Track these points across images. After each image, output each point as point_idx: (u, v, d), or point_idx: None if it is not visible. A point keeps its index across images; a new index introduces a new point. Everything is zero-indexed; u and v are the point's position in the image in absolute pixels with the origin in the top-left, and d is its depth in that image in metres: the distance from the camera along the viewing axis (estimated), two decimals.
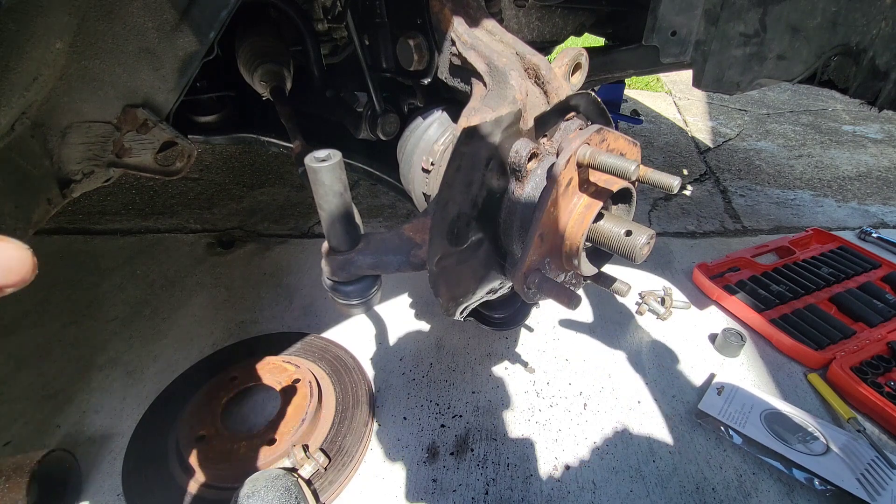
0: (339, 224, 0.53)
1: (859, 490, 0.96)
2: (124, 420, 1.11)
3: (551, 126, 0.61)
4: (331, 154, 0.48)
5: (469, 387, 1.22)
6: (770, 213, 2.12)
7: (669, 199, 2.17)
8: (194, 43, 0.61)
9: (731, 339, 1.31)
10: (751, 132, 3.03)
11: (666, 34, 0.85)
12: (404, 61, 0.70)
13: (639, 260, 0.52)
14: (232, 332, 1.37)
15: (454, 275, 0.58)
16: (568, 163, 0.50)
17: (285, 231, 1.88)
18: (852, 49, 0.78)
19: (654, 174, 0.50)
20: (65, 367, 1.25)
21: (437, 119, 0.76)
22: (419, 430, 1.11)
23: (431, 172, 0.73)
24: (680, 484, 1.01)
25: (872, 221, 2.07)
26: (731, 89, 0.88)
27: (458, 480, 1.01)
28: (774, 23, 0.80)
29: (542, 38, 1.07)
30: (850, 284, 1.54)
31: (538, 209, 0.51)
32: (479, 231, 0.59)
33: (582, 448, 1.08)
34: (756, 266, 1.63)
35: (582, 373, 1.27)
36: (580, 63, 0.62)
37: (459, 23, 0.63)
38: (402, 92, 0.84)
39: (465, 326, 1.39)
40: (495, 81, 0.58)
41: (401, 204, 2.08)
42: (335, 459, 1.01)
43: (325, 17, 0.86)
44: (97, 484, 0.99)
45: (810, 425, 1.10)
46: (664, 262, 1.71)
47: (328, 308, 1.45)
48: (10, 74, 0.54)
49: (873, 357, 1.26)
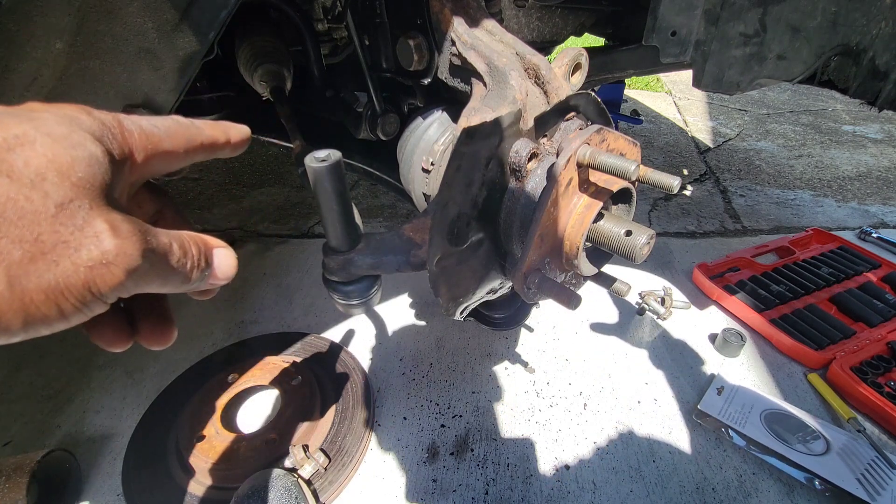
0: (338, 224, 0.53)
1: (859, 490, 0.97)
2: (124, 420, 1.11)
3: (551, 126, 0.61)
4: (331, 154, 0.48)
5: (469, 387, 1.22)
6: (770, 213, 2.12)
7: (669, 199, 2.17)
8: (194, 43, 0.61)
9: (731, 339, 1.31)
10: (751, 132, 3.03)
11: (666, 34, 0.85)
12: (404, 61, 0.70)
13: (639, 260, 0.52)
14: (232, 332, 1.37)
15: (454, 275, 0.58)
16: (568, 163, 0.50)
17: (285, 231, 1.88)
18: (852, 49, 0.78)
19: (654, 174, 0.50)
20: (65, 367, 1.25)
21: (437, 119, 0.76)
22: (419, 430, 1.11)
23: (431, 172, 0.73)
24: (680, 484, 1.01)
25: (872, 221, 2.07)
26: (731, 89, 0.88)
27: (458, 480, 1.01)
28: (774, 23, 0.80)
29: (542, 38, 1.07)
30: (850, 284, 1.54)
31: (538, 209, 0.51)
32: (479, 231, 0.59)
33: (582, 448, 1.08)
34: (756, 266, 1.63)
35: (582, 373, 1.27)
36: (580, 63, 0.62)
37: (459, 23, 0.63)
38: (402, 92, 0.84)
39: (465, 326, 1.39)
40: (495, 81, 0.58)
41: (401, 204, 2.08)
42: (335, 459, 1.01)
43: (325, 17, 0.86)
44: (97, 484, 0.99)
45: (810, 425, 1.10)
46: (664, 262, 1.71)
47: (328, 308, 1.45)
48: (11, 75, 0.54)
49: (873, 357, 1.26)
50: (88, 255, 0.24)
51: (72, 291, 0.24)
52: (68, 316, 0.25)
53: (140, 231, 0.27)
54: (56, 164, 0.24)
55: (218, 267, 0.34)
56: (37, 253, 0.23)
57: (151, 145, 0.31)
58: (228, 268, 0.35)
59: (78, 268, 0.24)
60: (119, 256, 0.25)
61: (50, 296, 0.24)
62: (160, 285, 0.29)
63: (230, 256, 0.35)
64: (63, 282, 0.24)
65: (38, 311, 0.24)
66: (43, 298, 0.24)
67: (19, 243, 0.23)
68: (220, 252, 0.34)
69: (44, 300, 0.24)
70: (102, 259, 0.25)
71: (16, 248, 0.23)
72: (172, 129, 0.32)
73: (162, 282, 0.29)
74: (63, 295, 0.24)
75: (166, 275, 0.29)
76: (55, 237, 0.24)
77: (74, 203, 0.24)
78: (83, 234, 0.24)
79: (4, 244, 0.22)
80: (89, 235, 0.25)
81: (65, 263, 0.24)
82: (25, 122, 0.25)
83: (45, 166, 0.24)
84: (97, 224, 0.25)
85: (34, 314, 0.24)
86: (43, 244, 0.23)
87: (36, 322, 0.24)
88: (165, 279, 0.29)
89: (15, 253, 0.23)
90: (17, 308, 0.23)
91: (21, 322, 0.24)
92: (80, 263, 0.24)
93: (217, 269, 0.34)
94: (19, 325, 0.24)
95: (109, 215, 0.26)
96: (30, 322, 0.24)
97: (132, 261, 0.26)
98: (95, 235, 0.25)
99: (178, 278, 0.30)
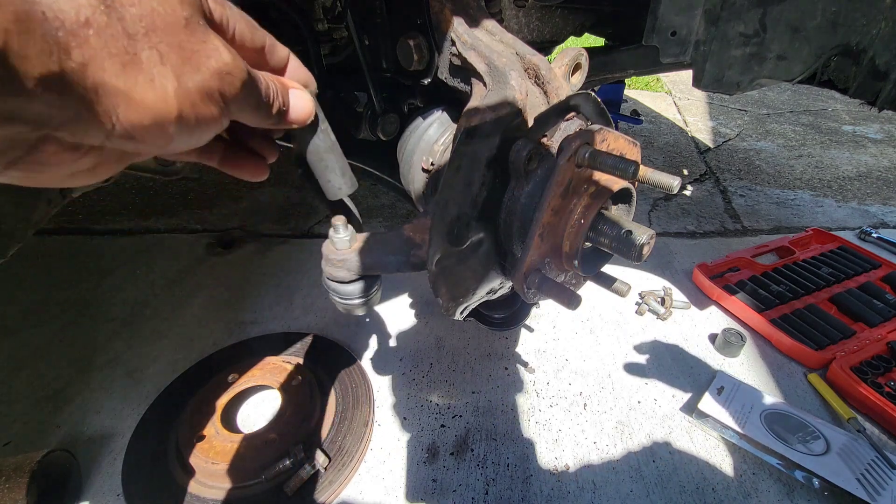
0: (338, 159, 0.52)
1: (859, 490, 0.97)
2: (124, 420, 1.11)
3: (551, 126, 0.61)
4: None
5: (469, 387, 1.22)
6: (770, 213, 2.12)
7: (669, 200, 2.17)
8: None
9: (731, 339, 1.31)
10: (751, 132, 3.03)
11: (666, 34, 0.85)
12: (404, 61, 0.70)
13: (639, 260, 0.52)
14: (232, 332, 1.37)
15: (454, 275, 0.58)
16: (568, 163, 0.50)
17: (285, 231, 1.88)
18: (852, 49, 0.78)
19: (654, 174, 0.50)
20: (65, 367, 1.25)
21: (437, 119, 0.76)
22: (419, 430, 1.11)
23: (431, 172, 0.73)
24: (680, 484, 1.01)
25: (872, 221, 2.07)
26: (731, 89, 0.88)
27: (458, 480, 1.01)
28: (774, 23, 0.80)
29: (542, 38, 1.07)
30: (850, 284, 1.54)
31: (538, 209, 0.51)
32: (479, 231, 0.59)
33: (582, 448, 1.08)
34: (756, 266, 1.63)
35: (582, 373, 1.27)
36: (580, 63, 0.62)
37: (459, 23, 0.63)
38: (402, 92, 0.84)
39: (465, 326, 1.39)
40: (495, 81, 0.58)
41: (401, 204, 2.08)
42: (335, 459, 1.01)
43: (325, 17, 0.86)
44: (97, 484, 0.99)
45: (810, 425, 1.10)
46: (664, 262, 1.71)
47: (328, 308, 1.45)
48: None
49: (873, 357, 1.26)
50: (217, 64, 0.27)
51: (215, 95, 0.27)
52: (217, 119, 0.28)
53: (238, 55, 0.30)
54: None
55: (293, 108, 0.37)
56: (185, 58, 0.26)
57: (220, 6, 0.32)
58: (303, 109, 0.37)
59: (213, 73, 0.27)
60: (235, 69, 0.29)
61: (204, 96, 0.27)
62: (252, 113, 0.32)
63: (304, 98, 0.37)
64: (206, 85, 0.27)
65: (201, 110, 0.27)
66: (200, 98, 0.27)
67: (172, 48, 0.25)
68: (296, 93, 0.37)
69: (201, 99, 0.27)
70: (226, 68, 0.28)
71: (171, 52, 0.25)
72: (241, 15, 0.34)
73: (254, 110, 0.32)
74: (210, 96, 0.27)
75: (258, 103, 0.32)
76: (191, 46, 0.26)
77: (194, 18, 0.27)
78: (207, 46, 0.27)
79: (163, 48, 0.25)
80: (211, 48, 0.27)
81: (203, 69, 0.27)
82: None
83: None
84: (213, 40, 0.28)
85: (200, 112, 0.27)
86: (185, 50, 0.26)
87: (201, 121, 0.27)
88: (257, 107, 0.32)
89: (172, 56, 0.25)
90: (189, 103, 0.26)
91: (195, 117, 0.27)
92: (213, 69, 0.27)
93: (292, 110, 0.37)
94: (194, 120, 0.27)
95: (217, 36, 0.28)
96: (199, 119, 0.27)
97: (244, 74, 0.29)
98: (216, 49, 0.28)
99: (264, 110, 0.33)
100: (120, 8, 0.23)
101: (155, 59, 0.24)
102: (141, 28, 0.24)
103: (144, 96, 0.24)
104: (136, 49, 0.23)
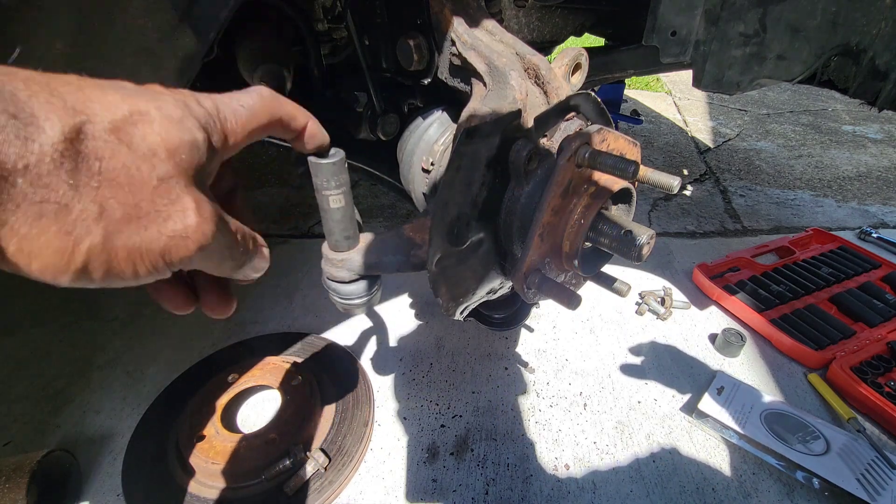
0: (339, 222, 0.53)
1: (859, 490, 0.97)
2: (124, 420, 1.11)
3: (551, 126, 0.61)
4: (335, 151, 0.48)
5: (469, 387, 1.22)
6: (770, 213, 2.12)
7: (669, 199, 2.17)
8: (194, 43, 0.61)
9: (731, 339, 1.31)
10: (751, 132, 3.03)
11: (666, 34, 0.85)
12: (404, 61, 0.70)
13: (639, 260, 0.52)
14: (232, 332, 1.37)
15: (454, 275, 0.58)
16: (568, 163, 0.50)
17: (285, 231, 1.88)
18: (852, 49, 0.78)
19: (654, 174, 0.50)
20: (65, 367, 1.25)
21: (437, 119, 0.76)
22: (419, 430, 1.11)
23: (431, 172, 0.73)
24: (680, 484, 1.01)
25: (872, 221, 2.07)
26: (731, 89, 0.88)
27: (458, 480, 1.01)
28: (774, 23, 0.80)
29: (542, 38, 1.07)
30: (850, 284, 1.54)
31: (538, 209, 0.51)
32: (479, 231, 0.59)
33: (582, 448, 1.08)
34: (756, 266, 1.63)
35: (582, 373, 1.27)
36: (580, 63, 0.62)
37: (459, 23, 0.63)
38: (402, 92, 0.84)
39: (465, 326, 1.39)
40: (495, 81, 0.58)
41: (401, 204, 2.08)
42: (335, 459, 1.01)
43: (325, 17, 0.86)
44: (97, 484, 0.99)
45: (810, 425, 1.10)
46: (664, 262, 1.71)
47: (328, 308, 1.45)
48: None
49: (873, 357, 1.26)
50: (173, 227, 0.27)
51: (149, 255, 0.27)
52: (140, 276, 0.28)
53: (217, 215, 0.30)
54: (167, 143, 0.27)
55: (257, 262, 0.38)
56: (133, 216, 0.26)
57: (240, 128, 0.33)
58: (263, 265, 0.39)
59: (161, 236, 0.27)
60: (196, 233, 0.28)
61: (131, 255, 0.27)
62: (215, 266, 0.33)
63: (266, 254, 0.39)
64: (145, 246, 0.27)
65: (117, 267, 0.26)
66: (125, 256, 0.26)
67: (122, 205, 0.26)
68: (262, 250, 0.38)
69: (125, 258, 0.26)
70: (183, 232, 0.28)
71: (119, 208, 0.25)
72: (257, 107, 0.35)
73: (217, 263, 0.33)
74: (141, 257, 0.27)
75: (223, 259, 0.33)
76: (151, 206, 0.26)
77: (173, 180, 0.27)
78: (173, 207, 0.27)
79: (111, 203, 0.25)
80: (178, 209, 0.27)
81: (152, 230, 0.27)
82: (150, 101, 0.28)
83: (158, 144, 0.27)
84: (186, 201, 0.28)
85: (114, 268, 0.26)
86: (140, 210, 0.26)
87: (113, 276, 0.27)
88: (221, 262, 0.33)
89: (117, 212, 0.25)
90: (103, 260, 0.26)
91: (102, 273, 0.26)
92: (164, 232, 0.27)
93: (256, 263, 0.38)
94: (100, 275, 0.26)
95: (197, 195, 0.29)
96: (109, 274, 0.27)
97: (205, 239, 0.29)
98: (182, 210, 0.28)
99: (230, 264, 0.34)
100: (83, 160, 0.24)
101: (91, 213, 0.24)
102: (94, 183, 0.24)
103: (44, 246, 0.24)
104: (72, 201, 0.24)
